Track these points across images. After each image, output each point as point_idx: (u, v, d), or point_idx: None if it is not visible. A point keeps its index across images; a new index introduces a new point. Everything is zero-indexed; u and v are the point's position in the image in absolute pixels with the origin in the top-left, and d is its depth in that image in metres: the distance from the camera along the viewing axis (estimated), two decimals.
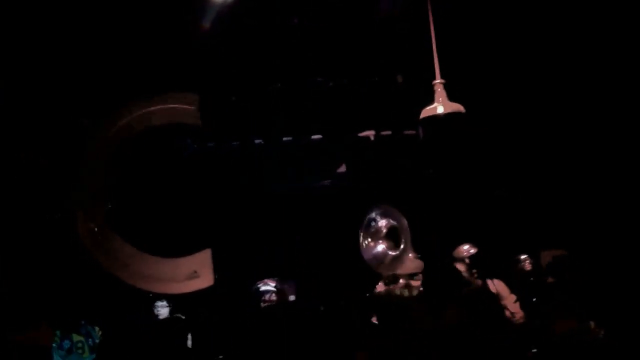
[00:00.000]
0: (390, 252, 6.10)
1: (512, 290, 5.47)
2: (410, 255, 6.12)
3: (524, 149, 7.07)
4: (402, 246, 6.00)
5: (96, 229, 7.52)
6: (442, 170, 7.26)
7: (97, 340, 6.19)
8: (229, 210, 7.74)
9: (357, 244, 6.31)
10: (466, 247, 5.99)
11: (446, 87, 5.28)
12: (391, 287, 5.76)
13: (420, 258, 6.09)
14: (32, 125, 7.35)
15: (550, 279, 5.15)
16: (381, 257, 6.12)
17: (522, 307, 5.27)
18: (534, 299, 5.28)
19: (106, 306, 7.05)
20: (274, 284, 6.38)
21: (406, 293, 5.58)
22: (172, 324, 6.93)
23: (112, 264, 7.51)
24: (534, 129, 6.98)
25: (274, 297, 6.28)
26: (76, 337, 6.10)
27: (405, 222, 6.07)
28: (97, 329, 6.29)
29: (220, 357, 6.24)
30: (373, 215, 6.17)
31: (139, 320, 7.09)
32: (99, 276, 7.39)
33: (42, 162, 7.48)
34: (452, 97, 5.30)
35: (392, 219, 6.13)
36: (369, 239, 6.18)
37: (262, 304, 6.24)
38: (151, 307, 7.09)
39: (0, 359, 4.64)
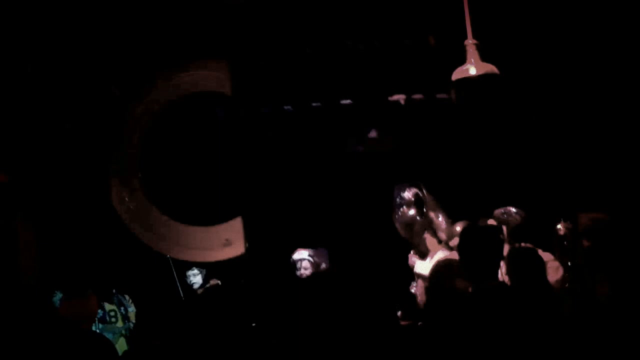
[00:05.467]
0: (418, 218, 6.10)
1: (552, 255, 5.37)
2: (441, 219, 6.10)
3: (560, 111, 6.89)
4: (425, 210, 6.00)
5: (128, 198, 7.57)
6: (475, 134, 7.13)
7: (130, 309, 6.26)
8: (259, 177, 7.72)
9: (389, 211, 6.30)
10: (502, 210, 5.86)
11: (479, 47, 5.14)
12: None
13: (452, 223, 6.07)
14: (64, 96, 7.39)
15: (586, 243, 5.01)
16: (411, 224, 6.14)
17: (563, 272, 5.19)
18: (569, 264, 5.19)
19: (139, 275, 7.13)
20: (307, 252, 6.40)
21: None
22: (209, 292, 7.00)
23: (144, 232, 7.56)
24: (571, 89, 6.79)
25: (307, 264, 6.31)
26: (109, 307, 6.17)
27: (424, 190, 6.07)
28: (127, 297, 6.35)
29: (253, 324, 6.28)
30: (399, 191, 6.20)
31: (174, 289, 7.16)
32: (132, 244, 7.47)
33: (76, 132, 7.54)
34: (485, 57, 5.16)
35: (416, 188, 6.14)
36: (401, 209, 6.21)
37: (297, 272, 6.29)
38: (184, 277, 7.14)
39: (46, 327, 4.70)
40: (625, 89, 6.50)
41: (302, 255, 6.38)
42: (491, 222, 5.73)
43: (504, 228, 5.66)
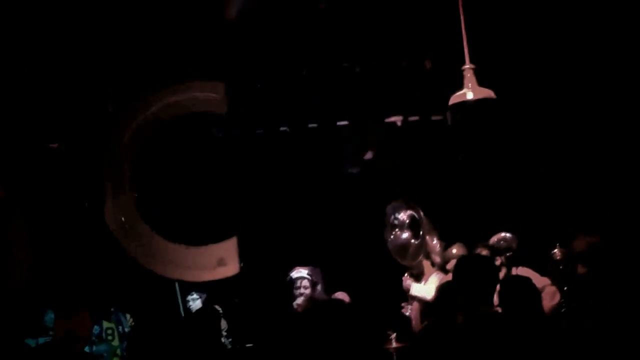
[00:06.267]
0: (413, 241, 6.09)
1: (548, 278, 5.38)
2: (435, 242, 6.09)
3: (556, 134, 6.93)
4: (421, 233, 5.98)
5: (123, 218, 7.55)
6: (471, 157, 7.15)
7: (126, 329, 6.24)
8: (254, 198, 7.72)
9: (384, 233, 6.29)
10: (496, 237, 5.85)
11: (476, 72, 5.17)
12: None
13: (446, 246, 6.07)
14: (57, 114, 7.39)
15: (582, 269, 5.03)
16: (405, 246, 6.12)
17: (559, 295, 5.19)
18: (565, 288, 5.20)
19: (135, 294, 7.09)
20: (306, 271, 6.36)
21: None
22: (207, 315, 6.94)
23: (139, 252, 7.53)
24: (566, 113, 6.83)
25: (307, 283, 6.27)
26: (106, 324, 6.16)
27: (421, 212, 6.04)
28: (128, 316, 6.33)
29: (249, 345, 6.25)
30: (394, 211, 6.18)
31: (170, 309, 7.13)
32: (126, 263, 7.43)
33: (69, 151, 7.54)
34: (482, 82, 5.19)
35: (411, 210, 6.12)
36: (395, 231, 6.19)
37: (295, 291, 6.25)
38: (184, 300, 7.10)
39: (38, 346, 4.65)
40: (620, 114, 6.55)
41: (301, 273, 6.34)
42: (485, 252, 5.70)
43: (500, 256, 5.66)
